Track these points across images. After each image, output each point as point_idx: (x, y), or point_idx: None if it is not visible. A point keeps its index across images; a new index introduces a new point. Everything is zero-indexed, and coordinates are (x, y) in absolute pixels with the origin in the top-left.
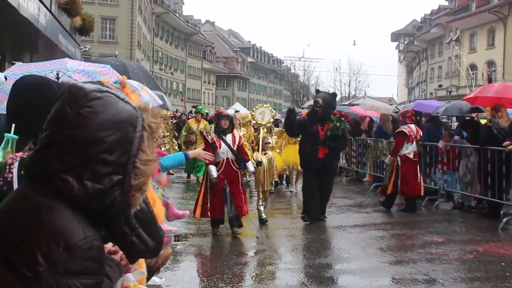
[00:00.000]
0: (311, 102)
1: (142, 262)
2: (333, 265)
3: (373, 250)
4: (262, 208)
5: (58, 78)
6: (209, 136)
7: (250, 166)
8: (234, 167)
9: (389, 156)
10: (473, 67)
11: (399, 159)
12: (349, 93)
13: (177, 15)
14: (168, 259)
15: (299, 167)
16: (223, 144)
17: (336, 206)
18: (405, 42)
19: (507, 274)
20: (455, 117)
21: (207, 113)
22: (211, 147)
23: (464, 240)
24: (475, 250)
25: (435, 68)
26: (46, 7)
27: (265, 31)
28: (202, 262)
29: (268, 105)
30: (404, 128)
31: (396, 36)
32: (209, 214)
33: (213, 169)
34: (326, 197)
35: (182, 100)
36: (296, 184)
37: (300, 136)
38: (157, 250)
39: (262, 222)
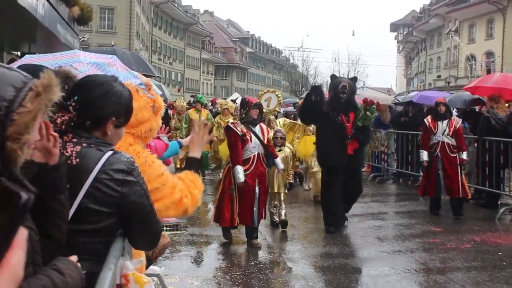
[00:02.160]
0: None
1: (141, 251)
2: (332, 255)
3: (371, 239)
4: (273, 210)
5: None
6: (238, 128)
7: (280, 163)
8: (263, 163)
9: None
10: (472, 57)
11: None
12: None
13: (175, 5)
14: (166, 249)
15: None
16: (253, 137)
17: None
18: (404, 33)
19: (504, 263)
20: (455, 109)
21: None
22: (241, 140)
23: (461, 229)
24: (472, 239)
25: (434, 59)
26: None
27: (264, 21)
28: (201, 252)
29: (275, 89)
30: None
31: (395, 27)
32: (237, 220)
33: (240, 171)
34: (354, 199)
35: (179, 90)
36: (310, 181)
37: (317, 128)
38: (155, 242)
39: (273, 225)
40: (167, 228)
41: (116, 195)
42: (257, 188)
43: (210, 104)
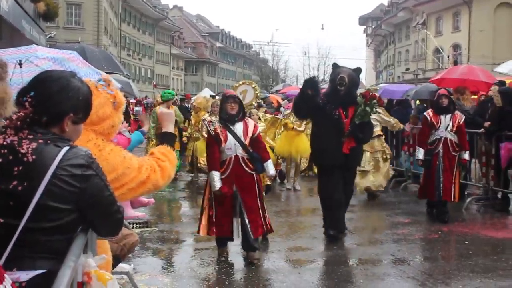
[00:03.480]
0: (279, 86)
1: (106, 247)
2: (301, 248)
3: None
4: None
5: (21, 65)
6: (211, 127)
7: (270, 167)
8: (246, 168)
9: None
10: (441, 49)
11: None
12: (318, 77)
13: (144, 0)
14: (135, 247)
15: (298, 160)
16: (229, 137)
17: (306, 189)
18: (373, 26)
19: (470, 252)
20: (418, 100)
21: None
22: (214, 140)
23: (429, 220)
24: (440, 230)
25: (402, 52)
26: None
27: (234, 16)
28: (171, 248)
29: (252, 81)
30: None
31: (363, 20)
32: (215, 231)
33: (216, 177)
34: (347, 202)
35: (155, 86)
36: (295, 181)
37: (312, 123)
38: (118, 228)
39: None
40: (137, 225)
41: (76, 190)
42: (238, 196)
43: (181, 100)
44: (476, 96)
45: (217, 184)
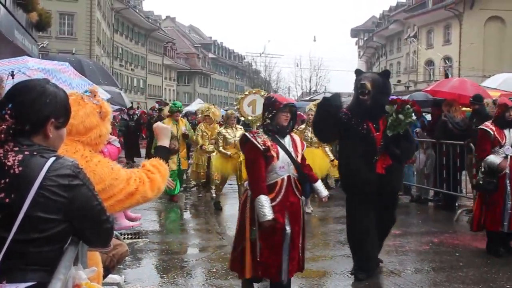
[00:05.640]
0: None
1: (97, 259)
2: None
3: (332, 243)
4: None
5: (13, 76)
6: (259, 140)
7: (322, 188)
8: (297, 192)
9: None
10: (430, 62)
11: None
12: (310, 89)
13: (137, 11)
14: (125, 257)
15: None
16: (282, 153)
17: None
18: (365, 38)
19: (461, 263)
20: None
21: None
22: (262, 156)
23: (420, 232)
24: (431, 241)
25: (394, 64)
26: (0, 2)
27: (226, 27)
28: (162, 259)
29: (259, 89)
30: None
31: (355, 32)
32: (259, 272)
33: (266, 203)
34: (386, 233)
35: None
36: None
37: (339, 142)
38: (108, 238)
39: None
40: (128, 236)
41: (63, 200)
42: (287, 228)
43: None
44: (468, 108)
45: (269, 213)
